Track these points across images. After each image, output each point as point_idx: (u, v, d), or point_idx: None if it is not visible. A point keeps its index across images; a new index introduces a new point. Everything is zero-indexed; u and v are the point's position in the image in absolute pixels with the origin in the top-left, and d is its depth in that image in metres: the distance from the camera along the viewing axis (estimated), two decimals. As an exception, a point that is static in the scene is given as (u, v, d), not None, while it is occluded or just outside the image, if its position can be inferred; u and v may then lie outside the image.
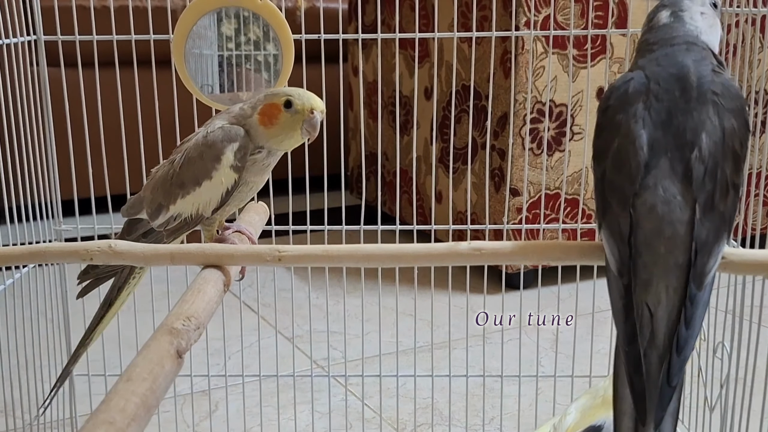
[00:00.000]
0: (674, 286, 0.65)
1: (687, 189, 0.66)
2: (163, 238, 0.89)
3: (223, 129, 0.84)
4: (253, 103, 0.86)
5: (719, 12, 0.77)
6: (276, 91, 0.85)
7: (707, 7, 0.76)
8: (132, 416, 0.51)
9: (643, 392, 0.64)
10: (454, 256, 0.74)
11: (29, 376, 1.14)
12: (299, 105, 0.83)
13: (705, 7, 0.76)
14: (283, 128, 0.84)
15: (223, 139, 0.84)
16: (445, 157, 1.97)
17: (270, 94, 0.85)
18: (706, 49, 0.73)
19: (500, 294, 1.37)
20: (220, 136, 0.84)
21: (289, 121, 0.83)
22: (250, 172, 0.86)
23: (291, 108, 0.83)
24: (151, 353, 0.58)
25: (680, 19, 0.75)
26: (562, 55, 1.73)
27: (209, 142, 0.84)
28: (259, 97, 0.86)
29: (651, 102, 0.69)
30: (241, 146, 0.84)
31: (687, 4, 0.75)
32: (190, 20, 0.91)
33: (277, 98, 0.84)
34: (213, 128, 0.85)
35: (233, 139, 0.84)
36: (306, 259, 0.75)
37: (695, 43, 0.73)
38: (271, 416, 1.30)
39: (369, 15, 2.19)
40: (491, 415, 1.32)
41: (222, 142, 0.84)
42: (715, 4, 0.77)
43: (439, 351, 1.45)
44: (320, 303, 1.74)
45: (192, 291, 0.69)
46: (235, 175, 0.84)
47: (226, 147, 0.84)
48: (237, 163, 0.84)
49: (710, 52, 0.74)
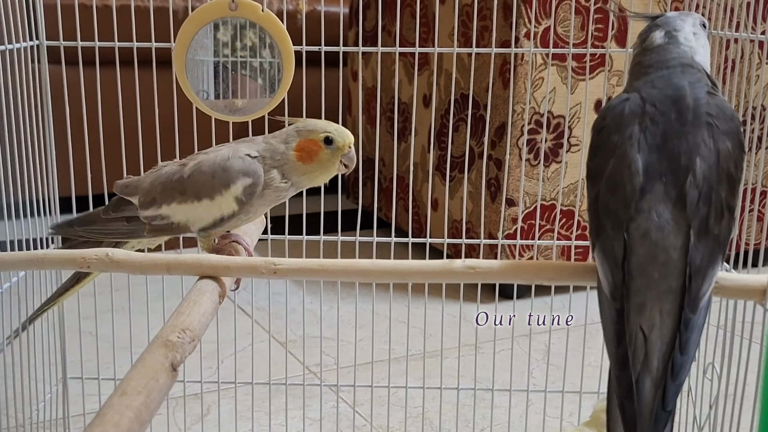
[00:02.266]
0: (668, 310, 0.66)
1: (681, 214, 0.67)
2: (144, 231, 0.90)
3: (245, 161, 0.86)
4: (283, 138, 0.88)
5: (708, 32, 0.78)
6: (310, 126, 0.87)
7: (698, 27, 0.76)
8: (126, 431, 0.51)
9: (635, 418, 0.64)
10: (448, 273, 0.75)
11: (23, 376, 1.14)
12: (340, 142, 0.87)
13: (696, 27, 0.76)
14: (322, 164, 0.87)
15: (240, 170, 0.85)
16: (442, 165, 1.98)
17: (305, 130, 0.87)
18: (701, 71, 0.74)
19: (493, 303, 1.37)
20: (238, 165, 0.85)
21: (329, 157, 0.87)
22: (265, 200, 0.87)
23: (332, 145, 0.86)
24: (146, 367, 0.59)
25: (675, 39, 0.75)
26: (561, 66, 1.73)
27: (226, 167, 0.86)
28: (290, 131, 0.88)
29: (646, 124, 0.69)
30: (253, 184, 0.85)
31: (680, 24, 0.76)
32: (191, 30, 0.91)
33: (315, 135, 0.86)
34: (236, 155, 0.86)
35: (249, 175, 0.85)
36: (301, 273, 0.76)
37: (691, 65, 0.74)
38: (263, 421, 1.31)
39: (370, 21, 2.20)
40: (481, 426, 1.33)
41: (237, 173, 0.85)
42: (704, 24, 0.78)
43: (432, 360, 1.46)
44: (314, 308, 1.75)
45: (188, 302, 0.70)
46: (235, 207, 0.86)
47: (239, 179, 0.85)
48: (242, 198, 0.85)
49: (704, 73, 0.74)
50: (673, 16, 0.77)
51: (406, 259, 0.81)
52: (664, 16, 0.77)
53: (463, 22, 1.83)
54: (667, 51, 0.75)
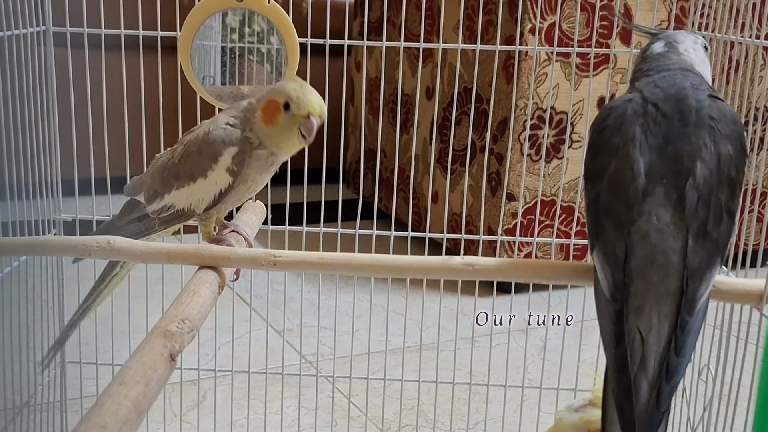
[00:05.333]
0: (666, 312, 0.66)
1: (680, 217, 0.67)
2: (156, 225, 0.90)
3: (225, 130, 0.84)
4: (260, 97, 0.84)
5: (709, 54, 0.79)
6: (280, 88, 0.83)
7: (699, 45, 0.77)
8: (124, 420, 0.52)
9: (633, 419, 0.64)
10: (447, 270, 0.75)
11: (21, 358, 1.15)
12: (296, 110, 0.81)
13: (696, 45, 0.77)
14: (281, 129, 0.82)
15: (224, 140, 0.83)
16: (443, 158, 1.98)
17: (274, 90, 0.83)
18: (700, 76, 0.74)
19: (491, 297, 1.38)
20: (220, 136, 0.83)
21: (287, 123, 0.82)
22: (253, 168, 0.85)
23: (289, 111, 0.82)
24: (145, 356, 0.59)
25: (675, 49, 0.76)
26: (565, 63, 1.73)
27: (209, 141, 0.84)
28: (267, 89, 0.84)
29: (648, 125, 0.70)
30: (240, 151, 0.83)
31: (681, 38, 0.77)
32: (197, 20, 0.91)
33: (279, 96, 0.82)
34: (216, 126, 0.85)
35: (233, 143, 0.83)
36: (301, 266, 0.76)
37: (689, 70, 0.74)
38: (258, 409, 1.31)
39: (375, 11, 2.20)
40: (476, 419, 1.34)
41: (222, 144, 0.83)
42: (706, 47, 0.78)
43: (428, 352, 1.46)
44: (312, 297, 1.75)
45: (187, 293, 0.71)
46: (230, 178, 0.84)
47: (224, 149, 0.83)
48: (233, 167, 0.83)
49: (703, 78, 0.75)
50: (675, 32, 0.78)
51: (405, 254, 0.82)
52: (665, 32, 0.78)
53: (468, 15, 1.83)
54: (666, 57, 0.76)
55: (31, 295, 1.12)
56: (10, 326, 1.06)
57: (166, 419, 1.28)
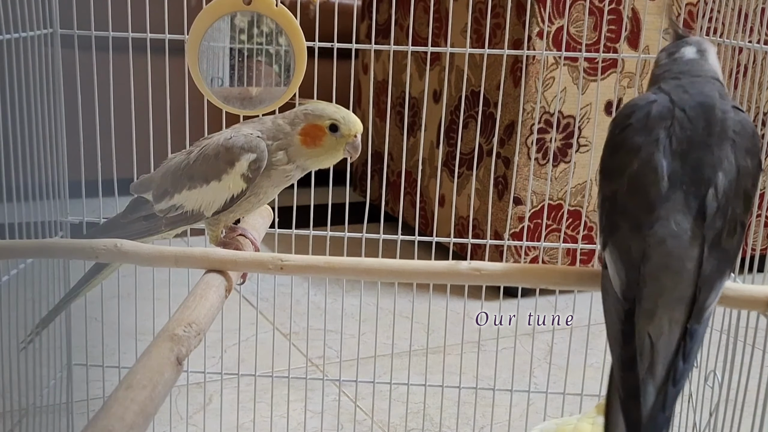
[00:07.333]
0: (677, 318, 0.66)
1: (698, 225, 0.67)
2: (162, 225, 0.90)
3: (246, 138, 0.86)
4: (290, 119, 0.87)
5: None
6: (318, 111, 0.86)
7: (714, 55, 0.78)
8: (130, 425, 0.52)
9: (639, 420, 0.64)
10: (454, 275, 0.75)
11: (27, 359, 1.15)
12: (345, 131, 0.86)
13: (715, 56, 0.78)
14: (327, 150, 0.86)
15: (243, 146, 0.85)
16: (450, 162, 1.98)
17: (312, 114, 0.86)
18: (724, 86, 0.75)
19: (498, 301, 1.38)
20: (240, 142, 0.85)
21: (333, 143, 0.86)
22: (271, 179, 0.87)
23: (337, 132, 0.86)
24: (152, 360, 0.59)
25: (706, 57, 0.76)
26: (573, 66, 1.73)
27: (228, 145, 0.86)
28: (298, 113, 0.87)
29: (674, 129, 0.69)
30: (257, 159, 0.85)
31: (708, 47, 0.77)
32: (205, 23, 0.91)
33: (322, 121, 0.86)
34: (238, 134, 0.86)
35: (252, 150, 0.85)
36: (308, 270, 0.76)
37: (717, 80, 0.74)
38: (264, 413, 1.31)
39: (382, 14, 2.20)
40: (481, 424, 1.33)
41: (240, 149, 0.85)
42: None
43: (434, 356, 1.46)
44: (318, 300, 1.75)
45: (194, 296, 0.70)
46: (243, 184, 0.86)
47: (242, 155, 0.85)
48: (249, 174, 0.85)
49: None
50: (699, 38, 0.79)
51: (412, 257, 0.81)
52: (693, 37, 0.78)
53: (476, 19, 1.83)
54: (698, 64, 0.76)
55: (37, 297, 1.13)
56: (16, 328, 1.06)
57: (172, 422, 1.28)
